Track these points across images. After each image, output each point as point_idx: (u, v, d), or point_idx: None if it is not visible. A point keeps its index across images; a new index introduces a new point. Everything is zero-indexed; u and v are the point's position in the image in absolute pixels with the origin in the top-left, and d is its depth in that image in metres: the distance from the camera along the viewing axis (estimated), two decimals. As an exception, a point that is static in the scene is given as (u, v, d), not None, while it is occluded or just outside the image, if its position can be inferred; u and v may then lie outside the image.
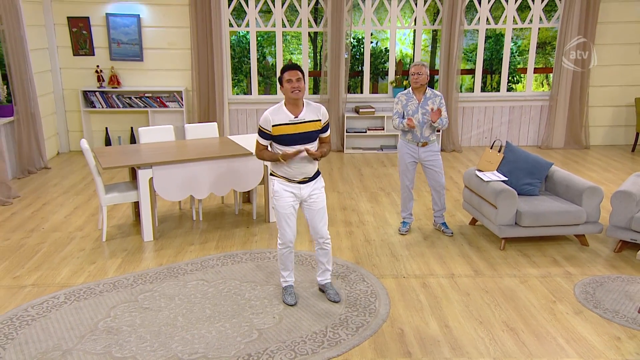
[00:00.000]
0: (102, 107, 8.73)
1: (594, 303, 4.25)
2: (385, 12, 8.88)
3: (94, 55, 8.72)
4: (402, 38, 10.04)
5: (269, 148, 4.04)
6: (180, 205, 6.37)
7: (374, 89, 10.25)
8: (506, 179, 5.44)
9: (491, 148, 5.79)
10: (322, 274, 4.38)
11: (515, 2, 8.89)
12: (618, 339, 3.79)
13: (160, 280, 4.60)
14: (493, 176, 5.47)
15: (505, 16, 8.98)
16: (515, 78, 10.99)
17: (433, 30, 9.59)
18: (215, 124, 6.45)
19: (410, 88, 5.40)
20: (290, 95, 3.88)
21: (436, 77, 9.45)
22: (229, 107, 9.05)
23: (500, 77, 9.42)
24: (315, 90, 8.91)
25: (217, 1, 8.44)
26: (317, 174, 4.15)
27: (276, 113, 3.93)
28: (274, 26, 8.89)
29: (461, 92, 9.44)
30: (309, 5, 8.85)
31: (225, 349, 3.64)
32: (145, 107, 8.75)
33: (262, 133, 3.97)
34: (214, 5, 8.45)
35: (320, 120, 4.02)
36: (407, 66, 9.42)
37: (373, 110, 8.93)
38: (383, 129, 9.04)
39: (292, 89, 3.85)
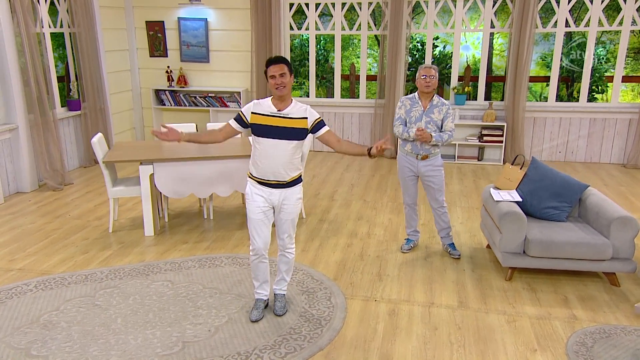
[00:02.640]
0: (171, 105, 8.84)
1: (584, 359, 3.29)
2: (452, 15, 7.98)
3: (167, 56, 8.87)
4: (476, 42, 8.97)
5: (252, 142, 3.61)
6: (200, 202, 6.15)
7: (439, 95, 9.30)
8: (520, 199, 4.50)
9: (512, 164, 4.84)
10: (277, 282, 3.88)
11: (602, 2, 7.53)
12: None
13: (130, 277, 4.37)
14: (507, 195, 4.55)
15: (589, 18, 7.66)
16: (600, 87, 9.37)
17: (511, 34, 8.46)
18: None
19: (416, 92, 4.66)
20: (274, 91, 3.43)
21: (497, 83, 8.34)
22: (287, 108, 8.72)
23: (580, 85, 8.05)
24: (381, 94, 8.24)
25: (277, 5, 8.14)
26: (295, 182, 3.58)
27: (260, 103, 3.53)
28: (333, 29, 8.40)
29: (538, 100, 8.22)
30: (369, 8, 8.23)
31: (139, 357, 3.29)
32: (208, 106, 8.72)
33: (238, 116, 3.60)
34: (274, 9, 8.16)
35: (306, 118, 3.50)
36: (477, 72, 8.39)
37: (429, 116, 8.09)
38: (440, 137, 8.15)
39: (276, 85, 3.38)
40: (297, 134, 3.48)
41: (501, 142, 7.95)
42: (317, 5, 8.33)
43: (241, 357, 3.31)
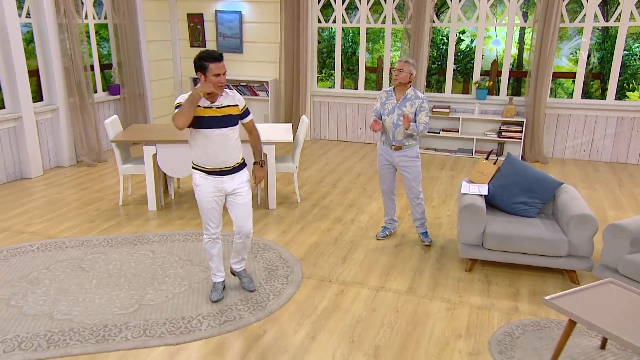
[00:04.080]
0: (206, 93, 9.26)
1: (502, 348, 3.27)
2: (492, 7, 7.77)
3: (205, 46, 9.28)
4: (504, 37, 8.62)
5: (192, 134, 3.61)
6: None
7: (465, 89, 9.10)
8: (486, 193, 4.44)
9: (486, 158, 4.77)
10: (238, 263, 4.06)
11: (632, -5, 7.10)
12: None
13: (119, 245, 4.76)
14: (475, 189, 4.51)
15: (620, 12, 7.24)
16: (631, 85, 8.71)
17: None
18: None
19: (393, 86, 4.69)
20: (215, 89, 3.40)
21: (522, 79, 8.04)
22: (312, 99, 8.89)
23: (608, 82, 7.61)
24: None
25: (305, -1, 8.32)
26: (241, 166, 3.74)
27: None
28: (359, 22, 8.44)
29: (569, 97, 7.87)
30: (394, 2, 8.19)
31: (96, 315, 3.64)
32: (239, 94, 9.04)
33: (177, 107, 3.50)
34: (302, 2, 8.32)
35: (237, 105, 3.61)
36: (511, 67, 8.14)
37: (447, 110, 8.00)
38: (458, 131, 8.03)
39: (220, 83, 3.40)
40: (235, 120, 3.59)
41: (520, 138, 7.71)
42: (344, -1, 8.42)
43: (184, 321, 3.57)
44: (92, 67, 7.71)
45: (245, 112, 3.71)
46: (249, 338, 3.41)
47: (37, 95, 7.20)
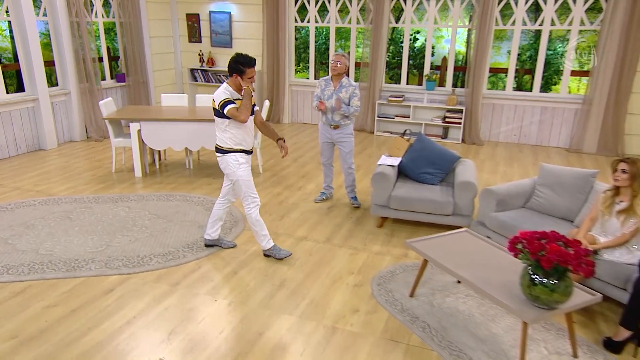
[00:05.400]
0: (202, 82, 9.64)
1: (381, 281, 3.67)
2: (441, 11, 7.98)
3: (201, 42, 9.62)
4: (456, 37, 8.81)
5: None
6: (187, 155, 6.87)
7: (420, 81, 9.35)
8: (396, 164, 4.79)
9: (402, 136, 5.10)
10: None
11: (555, 3, 7.28)
12: (356, 311, 3.28)
13: (104, 202, 5.21)
14: (388, 160, 4.86)
15: (543, 18, 7.44)
16: (554, 80, 8.90)
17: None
18: None
19: (330, 75, 5.02)
20: (245, 88, 3.66)
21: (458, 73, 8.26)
22: (290, 88, 9.22)
23: (534, 77, 7.83)
24: (364, 78, 8.49)
25: (283, 1, 8.59)
26: (220, 151, 3.87)
27: None
28: (329, 22, 8.71)
29: (502, 89, 8.09)
30: (358, 5, 8.45)
31: (71, 252, 4.09)
32: (229, 83, 9.41)
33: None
34: (280, 4, 8.61)
35: (215, 101, 3.73)
36: (459, 63, 8.39)
37: (401, 99, 8.29)
38: (409, 117, 8.33)
39: (250, 82, 3.67)
40: (215, 112, 3.78)
41: (460, 123, 7.99)
42: (317, 1, 8.67)
43: (138, 258, 4.01)
44: (100, 59, 8.12)
45: (222, 107, 3.73)
46: (185, 271, 3.84)
47: (54, 81, 7.63)
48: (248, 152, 3.89)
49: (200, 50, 9.55)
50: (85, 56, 7.54)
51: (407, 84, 8.61)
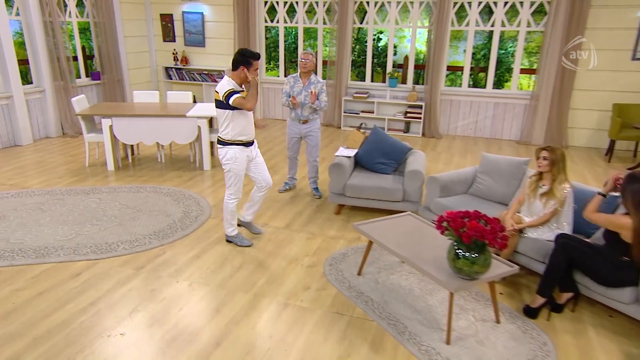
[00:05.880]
0: (176, 79, 9.67)
1: (333, 262, 3.84)
2: (403, 13, 8.18)
3: (175, 41, 9.64)
4: (418, 37, 9.05)
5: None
6: (158, 149, 6.94)
7: (383, 79, 9.56)
8: (351, 155, 4.97)
9: (358, 129, 5.29)
10: (253, 213, 4.29)
11: (505, 6, 7.56)
12: (307, 289, 3.45)
13: (76, 194, 5.26)
14: (345, 152, 5.04)
15: (494, 19, 7.70)
16: (505, 77, 9.25)
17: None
18: (190, 92, 6.86)
19: (298, 72, 5.13)
20: (252, 79, 3.71)
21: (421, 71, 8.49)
22: (262, 85, 9.32)
23: (487, 75, 8.11)
24: (331, 75, 8.63)
25: (253, 2, 8.68)
26: (221, 142, 3.93)
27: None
28: (297, 22, 8.84)
29: (458, 86, 8.34)
30: (324, 6, 8.59)
31: (41, 241, 4.16)
32: (202, 81, 9.47)
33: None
34: (250, 5, 8.70)
35: (218, 92, 3.73)
36: (421, 61, 8.60)
37: (366, 95, 8.48)
38: (373, 112, 8.53)
39: (256, 74, 3.73)
40: (217, 104, 3.79)
41: (421, 118, 8.23)
42: (285, 3, 8.79)
43: (105, 245, 4.10)
44: (75, 57, 8.10)
45: (226, 99, 3.73)
46: (150, 256, 3.95)
47: (29, 79, 7.59)
48: (248, 144, 3.91)
49: (175, 49, 9.58)
50: (60, 55, 7.52)
51: (372, 81, 8.81)
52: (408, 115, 8.29)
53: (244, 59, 3.71)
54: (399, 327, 3.07)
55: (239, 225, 4.31)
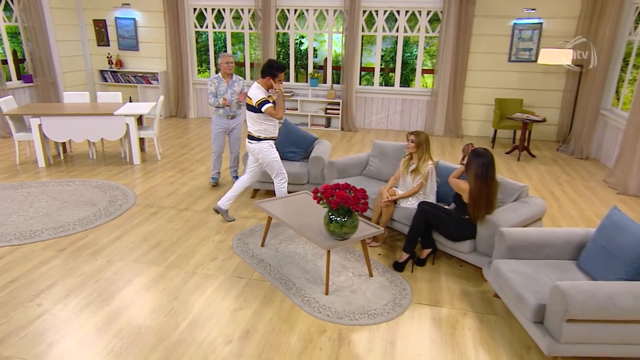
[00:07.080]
0: (112, 82, 9.55)
1: (241, 237, 4.13)
2: (321, 19, 8.56)
3: (109, 45, 9.51)
4: (336, 41, 9.56)
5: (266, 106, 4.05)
6: (90, 146, 6.92)
7: (306, 79, 9.97)
8: (264, 145, 5.27)
9: (270, 122, 5.59)
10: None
11: (406, 14, 8.14)
12: (214, 259, 3.72)
13: (4, 190, 5.21)
14: (258, 143, 5.32)
15: (398, 26, 8.26)
16: (411, 77, 10.01)
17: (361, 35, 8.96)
18: (120, 93, 6.90)
19: (220, 73, 5.29)
20: (278, 88, 4.09)
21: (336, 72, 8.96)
22: (194, 86, 9.42)
23: (394, 74, 8.69)
24: (257, 77, 8.88)
25: (182, 9, 8.76)
26: (251, 137, 4.30)
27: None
28: (225, 27, 9.02)
29: (370, 85, 8.85)
30: (249, 12, 8.82)
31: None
32: (137, 83, 9.42)
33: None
34: (180, 11, 8.78)
35: (252, 99, 4.11)
36: (339, 63, 9.02)
37: (290, 94, 8.81)
38: (297, 110, 8.88)
39: (281, 84, 4.13)
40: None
41: (339, 114, 8.67)
42: (213, 9, 8.93)
43: (30, 232, 4.16)
44: (4, 61, 7.85)
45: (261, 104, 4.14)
46: (73, 240, 4.07)
47: (-44, 82, 7.29)
48: (275, 140, 4.31)
49: (109, 53, 9.45)
50: (-12, 58, 7.28)
51: (296, 81, 9.15)
52: (328, 111, 8.71)
53: (270, 70, 4.04)
54: (289, 284, 3.41)
55: (215, 210, 4.53)
